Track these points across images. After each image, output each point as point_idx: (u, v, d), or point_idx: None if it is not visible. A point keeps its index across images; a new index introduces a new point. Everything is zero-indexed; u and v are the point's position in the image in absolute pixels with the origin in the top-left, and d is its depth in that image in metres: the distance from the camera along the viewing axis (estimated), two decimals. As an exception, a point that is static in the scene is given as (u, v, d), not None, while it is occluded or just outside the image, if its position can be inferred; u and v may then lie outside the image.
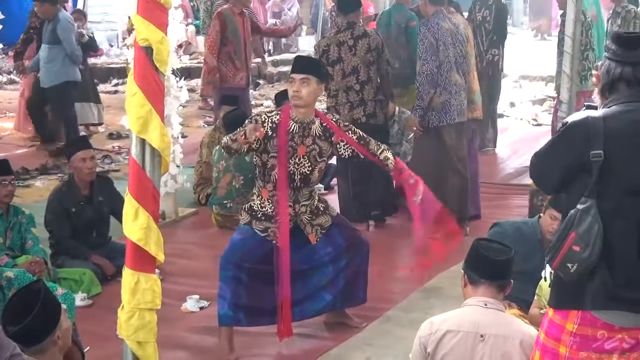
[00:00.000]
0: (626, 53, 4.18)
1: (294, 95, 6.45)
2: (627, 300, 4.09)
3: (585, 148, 4.13)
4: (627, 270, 4.08)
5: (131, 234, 4.80)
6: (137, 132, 4.81)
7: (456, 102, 9.27)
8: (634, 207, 4.08)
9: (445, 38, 9.16)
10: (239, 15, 11.78)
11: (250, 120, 6.45)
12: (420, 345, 4.83)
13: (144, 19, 4.81)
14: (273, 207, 6.54)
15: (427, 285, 8.01)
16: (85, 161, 8.27)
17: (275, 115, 6.51)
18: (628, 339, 4.14)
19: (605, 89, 4.25)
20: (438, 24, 9.22)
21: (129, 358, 4.97)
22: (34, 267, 7.24)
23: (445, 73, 9.17)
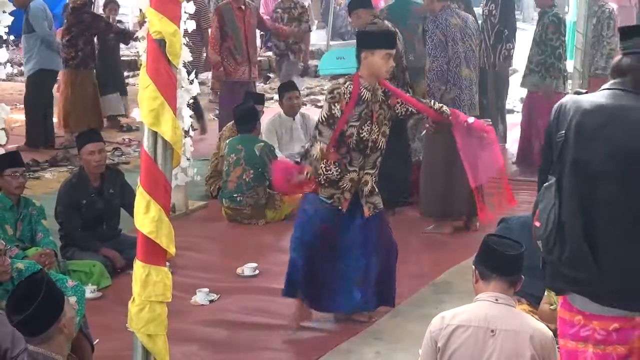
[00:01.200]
0: (623, 44, 4.26)
1: (390, 70, 6.85)
2: (572, 278, 4.14)
3: (557, 129, 4.26)
4: (572, 249, 4.12)
5: (142, 227, 4.81)
6: (150, 124, 4.81)
7: (467, 96, 9.27)
8: (580, 187, 4.13)
9: (454, 34, 9.18)
10: (237, 10, 11.75)
11: (331, 94, 6.65)
12: (430, 339, 4.83)
13: (157, 12, 4.81)
14: (340, 171, 6.71)
15: (437, 280, 8.03)
16: (94, 154, 8.27)
17: (348, 86, 6.66)
18: (599, 330, 4.15)
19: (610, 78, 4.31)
20: (446, 19, 9.23)
21: (139, 351, 4.98)
22: (44, 259, 7.25)
23: (455, 69, 9.18)
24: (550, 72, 11.19)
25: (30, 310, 4.54)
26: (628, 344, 4.11)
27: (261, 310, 7.34)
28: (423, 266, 8.44)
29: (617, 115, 4.12)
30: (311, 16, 23.69)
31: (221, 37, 11.68)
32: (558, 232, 4.14)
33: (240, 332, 6.99)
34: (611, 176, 4.07)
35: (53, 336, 4.60)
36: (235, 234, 9.45)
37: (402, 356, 6.37)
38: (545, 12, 11.32)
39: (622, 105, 4.14)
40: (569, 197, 4.15)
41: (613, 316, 4.10)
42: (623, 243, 4.05)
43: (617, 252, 4.05)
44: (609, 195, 4.07)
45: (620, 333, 4.10)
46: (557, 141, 4.22)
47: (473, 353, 4.71)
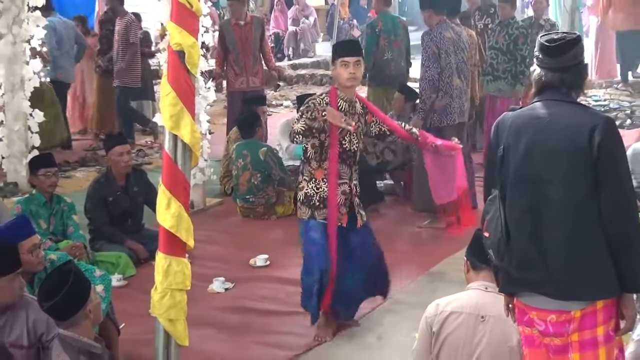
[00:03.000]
0: (551, 60, 4.17)
1: (351, 77, 6.32)
2: (523, 280, 4.13)
3: (496, 144, 4.26)
4: (520, 253, 4.12)
5: (164, 222, 4.82)
6: (170, 128, 4.82)
7: (457, 104, 9.28)
8: (520, 196, 4.13)
9: (447, 46, 9.16)
10: (235, 26, 11.72)
11: (306, 104, 6.29)
12: (426, 325, 4.83)
13: (177, 26, 4.82)
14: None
15: (432, 271, 8.03)
16: (122, 155, 8.31)
17: (325, 97, 6.35)
18: (537, 320, 4.15)
19: (537, 92, 4.26)
20: (441, 33, 9.21)
21: (161, 334, 4.99)
22: (74, 251, 7.26)
23: (447, 78, 9.16)
24: (519, 78, 11.15)
25: (59, 297, 4.55)
26: (564, 336, 4.10)
27: (272, 298, 7.34)
28: (419, 258, 8.42)
29: (547, 124, 4.10)
30: (317, 30, 23.80)
31: (223, 51, 11.69)
32: (506, 241, 4.14)
33: (253, 318, 6.99)
34: (550, 180, 4.06)
35: (80, 321, 4.61)
36: (248, 228, 9.45)
37: (401, 340, 6.36)
38: (509, 24, 11.26)
39: (551, 113, 4.12)
40: (512, 206, 4.15)
41: (549, 309, 4.09)
42: (567, 242, 4.03)
43: (561, 251, 4.03)
44: (550, 198, 4.05)
45: (556, 325, 4.09)
46: (497, 156, 4.22)
47: (465, 337, 4.71)
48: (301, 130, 6.15)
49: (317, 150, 6.31)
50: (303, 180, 6.45)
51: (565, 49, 4.15)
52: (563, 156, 4.03)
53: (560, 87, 4.16)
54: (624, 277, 4.00)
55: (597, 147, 3.96)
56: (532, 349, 4.25)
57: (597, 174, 3.98)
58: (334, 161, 6.29)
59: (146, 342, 5.48)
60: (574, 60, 4.16)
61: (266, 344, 6.51)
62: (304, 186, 6.42)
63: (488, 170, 4.41)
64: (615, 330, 4.11)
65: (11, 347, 4.92)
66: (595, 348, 4.08)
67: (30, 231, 5.74)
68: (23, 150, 10.34)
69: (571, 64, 4.16)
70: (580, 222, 4.02)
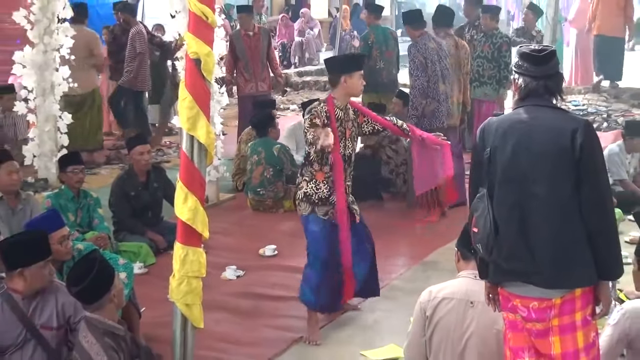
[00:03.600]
0: (536, 69, 4.17)
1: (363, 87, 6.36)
2: (512, 271, 4.13)
3: (483, 147, 4.24)
4: (508, 246, 4.11)
5: (182, 215, 4.84)
6: (187, 129, 4.83)
7: (444, 108, 9.36)
8: (508, 194, 4.13)
9: (432, 56, 9.23)
10: (245, 36, 11.73)
11: (310, 112, 6.17)
12: (420, 309, 4.84)
13: (194, 36, 4.84)
14: (329, 188, 6.23)
15: (426, 260, 8.02)
16: (143, 154, 8.33)
17: (324, 105, 6.21)
18: (521, 307, 4.16)
19: (520, 98, 4.25)
20: (425, 44, 9.29)
21: (179, 317, 5.01)
22: (99, 242, 7.26)
23: (434, 85, 9.24)
24: (503, 83, 11.16)
25: (85, 282, 4.56)
26: (545, 321, 4.10)
27: (280, 284, 7.34)
28: (414, 248, 8.43)
29: (531, 127, 4.10)
30: (321, 40, 23.80)
31: (233, 59, 11.68)
32: (495, 235, 4.13)
33: (262, 302, 7.00)
34: (535, 179, 4.06)
35: (105, 304, 4.62)
36: (257, 220, 9.44)
37: (397, 322, 6.36)
38: (493, 34, 11.25)
39: (534, 117, 4.13)
40: (500, 203, 4.15)
41: (532, 297, 4.10)
42: (551, 235, 4.04)
43: (548, 244, 4.04)
44: (536, 195, 4.05)
45: (538, 312, 4.10)
46: (484, 157, 4.21)
47: (456, 321, 4.72)
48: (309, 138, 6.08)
49: (319, 155, 6.20)
50: (303, 181, 6.31)
51: (549, 58, 4.19)
52: (547, 157, 4.04)
53: (544, 94, 4.17)
54: (601, 266, 4.02)
55: (579, 148, 3.98)
56: (515, 332, 4.25)
57: (578, 173, 3.99)
58: (339, 165, 6.23)
59: (165, 324, 5.48)
60: (554, 69, 4.20)
61: (274, 327, 6.51)
62: (303, 186, 6.30)
63: (474, 170, 4.40)
64: (592, 315, 4.12)
65: (42, 329, 4.94)
66: (574, 331, 4.09)
67: (60, 223, 5.75)
68: (53, 149, 10.36)
69: (553, 72, 4.18)
70: (563, 217, 4.02)
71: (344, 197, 6.26)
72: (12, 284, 4.90)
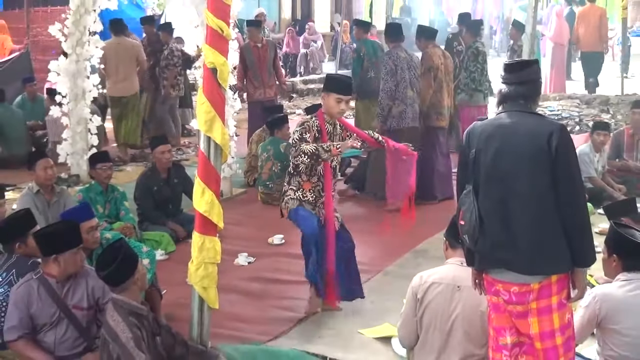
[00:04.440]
0: (510, 76, 4.21)
1: (341, 112, 6.00)
2: (496, 259, 4.13)
3: (469, 148, 4.24)
4: (492, 237, 4.11)
5: (199, 207, 4.83)
6: (205, 131, 4.82)
7: (410, 111, 9.36)
8: (492, 190, 4.12)
9: (402, 64, 9.32)
10: (254, 48, 11.74)
11: (302, 126, 5.89)
12: (412, 293, 4.83)
13: (210, 47, 4.82)
14: (315, 196, 6.05)
15: (417, 249, 8.00)
16: (164, 153, 8.33)
17: (315, 121, 5.97)
18: (503, 291, 4.16)
19: (498, 103, 4.29)
20: (397, 54, 9.41)
21: (196, 299, 5.01)
22: (125, 231, 7.26)
23: (403, 90, 9.28)
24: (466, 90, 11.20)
25: (112, 267, 4.55)
26: (524, 304, 4.11)
27: (286, 270, 7.33)
28: (406, 238, 8.35)
29: (511, 130, 4.10)
30: (324, 52, 23.80)
31: (243, 68, 11.67)
32: (480, 227, 4.12)
33: (271, 286, 6.99)
34: (516, 177, 4.05)
35: (129, 287, 4.62)
36: (267, 212, 9.42)
37: (391, 304, 6.35)
38: (469, 46, 11.24)
39: (513, 122, 4.12)
40: (485, 199, 4.14)
41: (513, 282, 4.10)
42: (530, 226, 4.03)
43: (528, 235, 4.03)
44: (516, 191, 4.05)
45: (518, 295, 4.10)
46: (470, 158, 4.21)
47: (444, 303, 4.71)
48: (310, 152, 5.76)
49: (308, 167, 5.96)
50: (290, 190, 6.10)
51: (520, 67, 4.23)
52: (526, 157, 4.03)
53: (517, 98, 4.17)
54: (576, 255, 4.01)
55: (554, 149, 3.97)
56: (498, 314, 4.25)
57: (554, 171, 3.98)
58: (329, 176, 6.07)
59: (184, 305, 5.47)
60: (527, 77, 4.18)
61: (282, 307, 6.50)
62: (290, 194, 6.09)
63: (460, 169, 4.38)
64: (567, 298, 4.12)
65: (74, 309, 4.94)
66: (550, 314, 4.09)
67: (89, 215, 5.75)
68: (84, 148, 10.38)
69: (525, 80, 4.17)
70: (541, 211, 4.02)
71: (332, 204, 6.12)
72: (47, 268, 4.90)
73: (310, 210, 6.09)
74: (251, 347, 5.63)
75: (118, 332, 4.45)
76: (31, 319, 4.85)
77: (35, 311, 4.84)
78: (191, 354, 4.87)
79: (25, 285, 4.89)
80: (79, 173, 10.40)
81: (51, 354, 4.87)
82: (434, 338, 4.74)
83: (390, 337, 5.78)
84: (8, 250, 5.35)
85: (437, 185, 9.72)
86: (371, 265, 7.40)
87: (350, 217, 8.94)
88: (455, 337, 4.69)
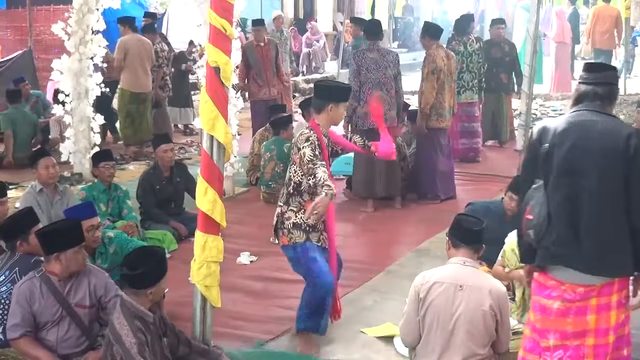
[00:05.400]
0: (589, 76, 4.26)
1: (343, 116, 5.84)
2: (559, 255, 4.12)
3: (540, 143, 4.21)
4: (558, 233, 4.10)
5: (202, 206, 4.83)
6: (208, 130, 4.83)
7: None
8: (562, 186, 4.11)
9: (368, 64, 9.10)
10: (257, 47, 11.76)
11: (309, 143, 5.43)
12: (414, 292, 4.83)
13: (213, 46, 4.82)
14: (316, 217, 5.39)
15: (419, 248, 7.98)
16: (167, 152, 8.34)
17: (313, 133, 5.53)
18: (569, 292, 4.15)
19: (574, 102, 4.30)
20: (363, 53, 9.23)
21: (199, 297, 5.02)
22: (128, 229, 7.26)
23: (367, 91, 9.06)
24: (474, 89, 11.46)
25: (139, 270, 4.54)
26: (587, 301, 4.13)
27: (288, 269, 7.23)
28: (408, 237, 8.40)
29: (587, 128, 4.12)
30: (326, 51, 23.80)
31: (246, 67, 11.66)
32: (548, 223, 4.11)
33: (273, 284, 6.99)
34: (589, 173, 4.04)
35: (142, 295, 4.57)
36: (269, 211, 9.30)
37: (393, 304, 6.35)
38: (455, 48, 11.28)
39: (590, 120, 4.13)
40: (554, 194, 4.12)
41: (579, 283, 4.11)
42: (597, 226, 4.04)
43: (594, 234, 4.04)
44: (586, 189, 4.04)
45: (582, 294, 4.12)
46: (542, 152, 4.18)
47: (446, 303, 4.71)
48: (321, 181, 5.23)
49: (310, 185, 5.50)
50: (289, 211, 5.60)
51: (599, 68, 4.31)
52: (601, 154, 4.04)
53: (594, 99, 4.20)
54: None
55: (633, 150, 4.00)
56: (545, 316, 4.25)
57: (628, 173, 4.00)
58: None
59: (186, 303, 5.47)
60: (605, 79, 4.24)
61: (283, 306, 6.49)
62: (291, 216, 5.58)
63: (529, 163, 4.36)
64: (626, 298, 4.16)
65: (76, 307, 4.94)
66: (609, 311, 4.13)
67: (91, 213, 5.77)
68: (87, 146, 10.39)
69: (603, 82, 4.22)
70: (610, 210, 4.03)
71: (334, 224, 5.73)
72: (49, 267, 4.90)
73: (317, 242, 5.60)
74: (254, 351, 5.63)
75: (122, 335, 4.44)
76: (34, 317, 4.85)
77: (38, 309, 4.85)
78: (194, 352, 4.88)
79: (27, 283, 4.89)
80: (81, 171, 10.42)
81: (53, 352, 4.88)
82: (436, 337, 4.75)
83: (392, 336, 5.78)
84: (11, 248, 5.36)
85: (439, 185, 9.72)
86: (373, 265, 7.41)
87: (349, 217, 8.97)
88: (457, 337, 4.69)
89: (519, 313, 6.08)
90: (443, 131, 9.70)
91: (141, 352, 4.40)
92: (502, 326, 4.74)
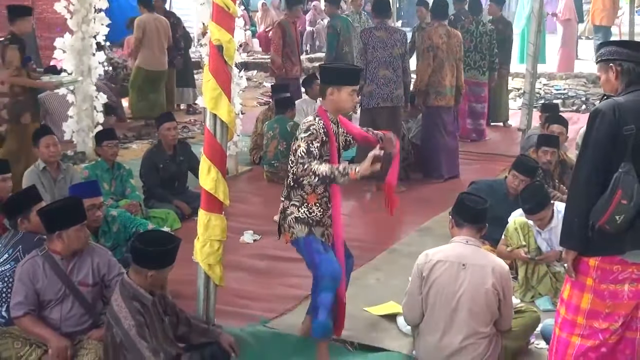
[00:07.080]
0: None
1: (355, 104, 5.47)
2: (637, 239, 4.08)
3: (620, 124, 4.03)
4: None
5: (205, 184, 4.83)
6: (211, 108, 4.81)
7: (382, 92, 9.09)
8: None
9: (375, 43, 9.08)
10: (292, 24, 11.74)
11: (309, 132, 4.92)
12: (417, 270, 4.83)
13: (216, 24, 4.80)
14: (322, 210, 5.12)
15: (422, 226, 8.00)
16: (170, 130, 8.34)
17: (320, 122, 5.01)
18: (637, 271, 4.15)
19: (625, 83, 4.19)
20: (371, 31, 9.24)
21: (202, 276, 5.02)
22: (131, 208, 7.27)
23: (374, 69, 9.06)
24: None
25: (146, 248, 4.51)
26: None
27: (291, 247, 7.31)
28: (411, 217, 8.39)
29: None
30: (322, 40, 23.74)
31: (283, 44, 11.59)
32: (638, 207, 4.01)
33: (276, 263, 7.00)
34: None
35: (145, 276, 4.54)
36: (272, 190, 9.40)
37: (396, 282, 6.36)
38: None
39: None
40: None
41: None
42: None
43: None
44: None
45: None
46: (625, 134, 4.00)
47: (449, 281, 4.72)
48: (323, 175, 4.79)
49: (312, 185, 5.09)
50: (291, 206, 5.16)
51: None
52: None
53: None
54: None
55: None
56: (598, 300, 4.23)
57: None
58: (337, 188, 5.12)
59: (190, 282, 5.47)
60: None
61: (287, 285, 6.51)
62: (293, 212, 5.15)
63: (605, 143, 4.06)
64: None
65: (79, 285, 4.93)
66: None
67: (95, 193, 5.76)
68: (90, 125, 10.38)
69: None
70: None
71: (340, 219, 5.25)
72: (52, 245, 4.90)
73: (320, 237, 5.18)
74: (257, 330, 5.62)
75: (121, 317, 4.41)
76: (37, 295, 4.85)
77: (41, 287, 4.85)
78: (194, 332, 4.87)
79: (30, 261, 4.89)
80: (84, 150, 10.41)
81: (57, 330, 4.88)
82: (439, 316, 4.75)
83: (395, 314, 5.79)
84: (14, 226, 5.36)
85: (443, 164, 9.71)
86: (376, 244, 7.42)
87: (355, 197, 8.96)
88: (460, 315, 4.70)
89: (522, 292, 6.10)
90: (446, 109, 9.64)
91: (140, 334, 4.38)
92: (505, 304, 4.75)
